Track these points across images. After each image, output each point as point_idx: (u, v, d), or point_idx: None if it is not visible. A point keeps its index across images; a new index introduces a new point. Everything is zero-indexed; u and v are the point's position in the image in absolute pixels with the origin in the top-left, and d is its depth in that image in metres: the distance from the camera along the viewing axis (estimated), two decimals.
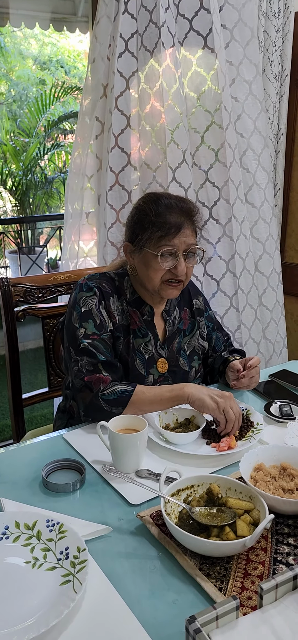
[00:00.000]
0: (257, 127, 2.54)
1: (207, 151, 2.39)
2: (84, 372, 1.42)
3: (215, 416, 1.34)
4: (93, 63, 2.31)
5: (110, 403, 1.38)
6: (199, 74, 2.36)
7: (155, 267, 1.46)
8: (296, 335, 3.03)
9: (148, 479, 1.20)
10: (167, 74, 2.27)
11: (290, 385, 1.65)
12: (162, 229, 1.43)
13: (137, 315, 1.55)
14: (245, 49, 2.45)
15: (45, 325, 1.96)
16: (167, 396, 1.40)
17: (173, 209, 1.45)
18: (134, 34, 2.27)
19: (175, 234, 1.44)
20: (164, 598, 0.90)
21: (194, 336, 1.66)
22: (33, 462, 1.28)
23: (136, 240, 1.48)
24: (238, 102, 2.49)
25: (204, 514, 1.02)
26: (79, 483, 1.18)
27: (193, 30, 2.31)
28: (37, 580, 0.93)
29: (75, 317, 1.49)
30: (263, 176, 2.60)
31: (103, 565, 0.96)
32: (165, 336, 1.60)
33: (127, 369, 1.52)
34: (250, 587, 0.90)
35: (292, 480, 1.11)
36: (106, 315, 1.49)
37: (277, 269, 2.73)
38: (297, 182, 2.90)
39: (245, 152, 2.54)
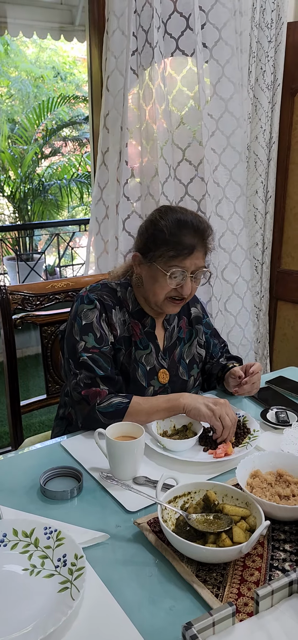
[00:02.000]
0: (230, 143, 2.60)
1: (187, 166, 2.49)
2: (82, 386, 1.42)
3: (212, 423, 1.35)
4: (111, 76, 2.31)
5: (107, 416, 1.39)
6: (183, 92, 2.45)
7: (162, 284, 1.46)
8: (293, 342, 3.04)
9: (145, 485, 1.20)
10: (158, 93, 2.35)
11: (287, 392, 1.66)
12: (175, 249, 1.42)
13: (139, 327, 1.56)
14: (224, 67, 2.50)
15: (43, 332, 1.97)
16: (163, 407, 1.41)
17: (188, 229, 1.44)
18: (134, 52, 2.32)
19: (187, 255, 1.43)
20: (161, 604, 0.90)
21: (192, 344, 1.67)
22: (31, 470, 1.28)
23: (147, 254, 1.48)
24: (213, 119, 2.55)
25: (201, 520, 1.03)
26: (77, 490, 1.19)
27: (179, 49, 2.39)
28: (34, 587, 0.94)
29: (76, 329, 1.49)
30: (235, 190, 2.66)
31: (100, 572, 0.97)
32: (165, 345, 1.60)
33: (128, 380, 1.52)
34: (247, 593, 0.91)
35: (288, 487, 1.11)
36: (107, 328, 1.49)
37: (245, 277, 2.77)
38: (292, 190, 2.92)
39: (217, 167, 2.60)
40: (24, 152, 7.29)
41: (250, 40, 2.64)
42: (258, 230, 2.97)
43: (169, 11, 2.34)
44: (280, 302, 3.06)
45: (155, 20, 2.25)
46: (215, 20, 2.42)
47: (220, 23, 2.43)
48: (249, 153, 2.84)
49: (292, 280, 2.98)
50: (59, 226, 6.72)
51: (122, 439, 1.25)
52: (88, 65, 2.54)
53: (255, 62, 2.70)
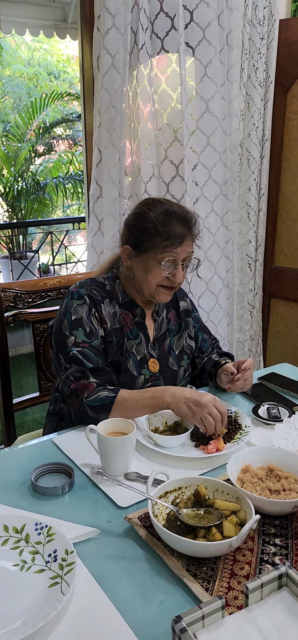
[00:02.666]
0: (210, 143, 2.60)
1: (169, 165, 2.51)
2: (72, 379, 1.44)
3: (192, 422, 1.37)
4: (107, 75, 2.31)
5: (94, 409, 1.41)
6: (167, 92, 2.46)
7: (155, 273, 1.49)
8: (286, 339, 3.05)
9: (137, 481, 1.21)
10: (144, 94, 2.36)
11: (278, 388, 1.66)
12: (168, 238, 1.46)
13: (129, 317, 1.57)
14: (207, 67, 2.51)
15: (36, 330, 1.97)
16: (148, 403, 1.43)
17: (177, 218, 1.48)
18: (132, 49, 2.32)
19: (179, 244, 1.47)
20: (151, 599, 0.91)
21: (182, 336, 1.68)
22: (22, 466, 1.28)
23: (140, 246, 1.50)
24: (193, 119, 2.57)
25: (191, 515, 1.03)
26: (68, 486, 1.19)
27: (164, 50, 2.39)
28: (25, 583, 0.93)
29: (65, 325, 1.50)
30: (214, 189, 2.67)
31: (91, 567, 0.97)
32: (155, 336, 1.62)
33: (120, 370, 1.53)
34: (237, 587, 0.91)
35: (279, 482, 1.12)
36: (97, 322, 1.51)
37: (220, 274, 2.79)
38: (285, 187, 2.93)
39: (195, 167, 2.61)
40: (17, 150, 7.26)
41: (243, 37, 2.64)
42: (252, 228, 2.97)
43: (156, 11, 2.35)
44: (273, 300, 3.07)
45: (143, 20, 2.26)
46: (200, 19, 2.43)
47: (204, 22, 2.44)
48: (242, 150, 2.85)
49: (285, 277, 2.99)
50: (52, 224, 6.71)
51: (113, 435, 1.25)
52: (80, 63, 2.54)
53: (248, 58, 2.71)
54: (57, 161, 7.77)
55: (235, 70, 2.65)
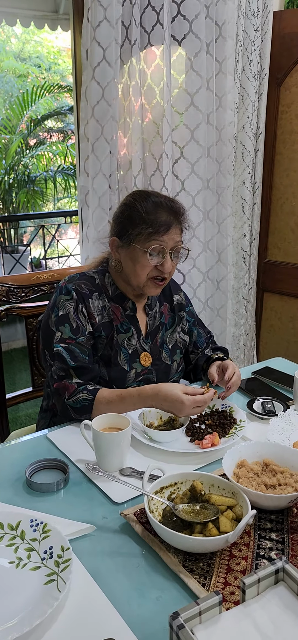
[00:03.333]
0: (194, 137, 2.60)
1: (151, 160, 2.52)
2: (55, 378, 1.45)
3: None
4: (98, 67, 2.29)
5: (76, 411, 1.42)
6: (151, 86, 2.46)
7: (143, 263, 1.47)
8: (279, 333, 3.06)
9: (132, 477, 1.20)
10: (136, 88, 2.36)
11: (273, 382, 1.66)
12: (153, 226, 1.45)
13: (120, 310, 1.56)
14: (193, 60, 2.50)
15: (29, 324, 1.95)
16: (131, 409, 1.42)
17: (163, 208, 1.48)
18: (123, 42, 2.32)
19: (165, 231, 1.46)
20: (148, 595, 0.90)
21: (175, 330, 1.68)
22: (16, 463, 1.27)
23: (125, 236, 1.50)
24: (177, 113, 2.56)
25: (187, 510, 1.03)
26: (63, 482, 1.18)
27: (150, 44, 2.38)
28: (21, 580, 0.93)
29: (52, 320, 1.50)
30: (196, 183, 2.67)
31: (87, 564, 0.96)
32: (148, 330, 1.61)
33: (110, 364, 1.53)
34: (233, 582, 0.91)
35: (274, 476, 1.12)
36: (84, 318, 1.50)
37: (200, 268, 2.80)
38: (279, 181, 2.93)
39: (177, 161, 2.62)
40: (8, 143, 7.20)
41: (237, 28, 2.62)
42: (246, 222, 2.97)
43: (144, 4, 2.34)
44: (266, 294, 3.07)
45: (136, 14, 2.25)
46: (187, 12, 2.42)
47: (192, 15, 2.43)
48: (236, 143, 2.84)
49: (278, 271, 2.99)
50: (45, 218, 6.67)
51: (109, 431, 1.25)
52: (72, 54, 2.51)
53: (242, 51, 2.69)
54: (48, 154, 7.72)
55: (229, 62, 2.63)
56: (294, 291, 2.91)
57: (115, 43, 2.23)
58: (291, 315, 2.97)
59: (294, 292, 2.91)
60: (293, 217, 2.87)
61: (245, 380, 1.65)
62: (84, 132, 2.38)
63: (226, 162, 2.77)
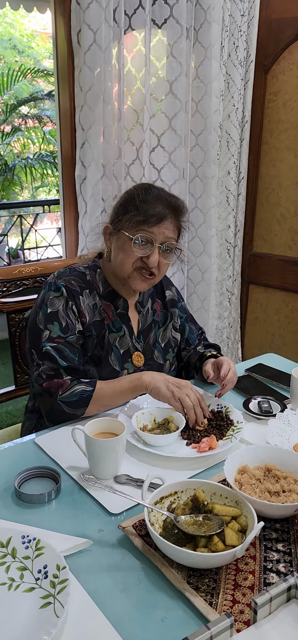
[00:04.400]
0: (172, 126, 2.57)
1: (130, 148, 2.49)
2: (44, 378, 1.37)
3: (171, 404, 1.34)
4: (89, 52, 2.21)
5: (71, 405, 1.35)
6: (131, 73, 2.42)
7: (128, 251, 1.41)
8: (264, 325, 3.03)
9: (127, 484, 1.14)
10: (116, 73, 2.33)
11: (267, 380, 1.62)
12: (144, 214, 1.39)
13: (111, 308, 1.50)
14: (173, 46, 2.45)
15: (11, 320, 1.86)
16: (127, 387, 1.38)
17: (161, 200, 1.42)
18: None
19: (155, 223, 1.40)
20: (152, 616, 0.85)
21: (167, 328, 1.62)
22: (3, 471, 1.20)
23: (117, 221, 1.44)
24: (155, 100, 2.54)
25: (190, 522, 0.97)
26: (55, 493, 1.11)
27: (131, 28, 2.34)
28: (14, 603, 0.86)
29: (40, 318, 1.42)
30: (173, 172, 2.64)
31: (84, 582, 0.90)
32: (139, 328, 1.55)
33: (101, 364, 1.46)
34: (242, 599, 0.86)
35: (278, 482, 1.07)
36: (74, 316, 1.43)
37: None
38: (264, 171, 2.88)
39: (154, 149, 2.59)
40: None
41: (223, 13, 2.56)
42: (231, 213, 2.92)
43: None
44: (252, 286, 3.04)
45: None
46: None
47: None
48: (221, 132, 2.78)
49: (264, 263, 2.95)
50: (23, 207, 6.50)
51: (102, 436, 1.18)
52: (53, 38, 2.40)
53: (228, 36, 2.63)
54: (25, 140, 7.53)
55: (214, 48, 2.57)
56: (279, 283, 2.89)
57: (105, 25, 2.15)
58: (276, 307, 2.95)
59: (279, 285, 2.89)
60: (279, 208, 2.84)
61: (238, 378, 1.60)
62: (78, 119, 2.29)
63: (211, 152, 2.71)
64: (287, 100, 2.70)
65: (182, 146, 2.61)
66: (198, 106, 2.68)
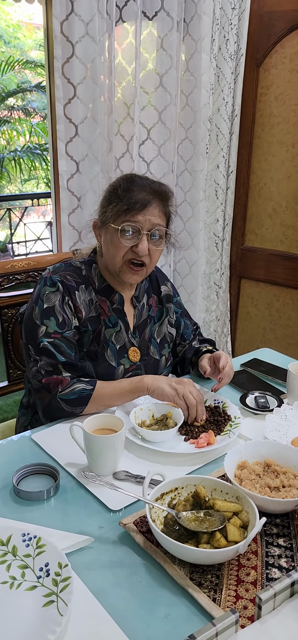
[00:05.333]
0: (161, 119, 2.58)
1: (120, 141, 2.49)
2: (43, 373, 1.35)
3: (175, 402, 1.33)
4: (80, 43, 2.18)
5: (70, 403, 1.34)
6: (121, 65, 2.41)
7: (116, 243, 1.40)
8: (256, 320, 3.04)
9: (126, 481, 1.14)
10: (108, 65, 2.33)
11: (263, 375, 1.63)
12: (127, 203, 1.37)
13: (107, 304, 1.49)
14: (163, 39, 2.44)
15: (3, 315, 1.84)
16: (127, 389, 1.37)
17: (143, 188, 1.40)
18: None
19: (139, 210, 1.38)
20: (155, 612, 0.85)
21: (163, 324, 1.61)
22: (0, 468, 1.19)
23: (103, 215, 1.43)
24: (145, 93, 2.54)
25: (191, 518, 0.97)
26: (53, 490, 1.10)
27: (122, 20, 2.33)
28: (16, 602, 0.85)
29: (36, 313, 1.40)
30: (162, 166, 2.65)
31: (86, 580, 0.90)
32: (135, 323, 1.54)
33: (97, 360, 1.45)
34: (245, 595, 0.86)
35: (277, 477, 1.08)
36: (70, 311, 1.42)
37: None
38: (256, 165, 2.88)
39: (144, 142, 2.59)
40: None
41: (214, 5, 2.55)
42: (219, 207, 2.92)
43: None
44: (243, 280, 3.04)
45: None
46: None
47: None
48: (211, 126, 2.78)
49: (255, 257, 2.96)
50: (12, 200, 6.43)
51: (101, 432, 1.17)
52: (44, 28, 2.37)
53: (219, 29, 2.62)
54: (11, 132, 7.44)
55: (205, 41, 2.56)
56: (271, 278, 2.90)
57: (99, 16, 2.12)
58: (267, 302, 2.96)
59: (271, 279, 2.90)
60: (270, 203, 2.84)
61: (234, 374, 1.60)
62: (63, 112, 2.26)
63: (200, 145, 2.71)
64: (279, 94, 2.70)
65: (171, 140, 2.61)
66: (188, 99, 2.68)
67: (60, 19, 2.15)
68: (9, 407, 3.26)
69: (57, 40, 2.15)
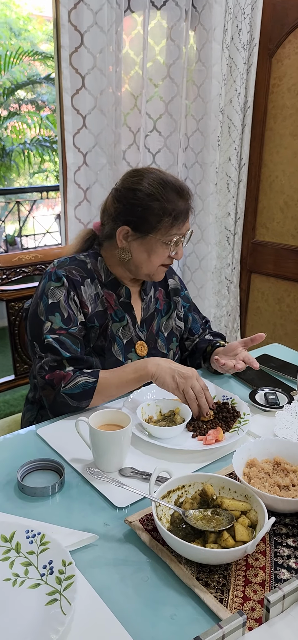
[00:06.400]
0: (168, 110, 2.56)
1: (127, 132, 2.48)
2: (46, 369, 1.33)
3: (176, 395, 1.32)
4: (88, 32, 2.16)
5: (74, 397, 1.31)
6: (130, 56, 2.40)
7: (160, 253, 1.40)
8: (266, 314, 3.01)
9: (132, 477, 1.12)
10: (118, 56, 2.31)
11: (273, 371, 1.60)
12: (174, 216, 1.37)
13: (113, 297, 1.46)
14: (171, 29, 2.41)
15: (10, 308, 1.83)
16: (132, 377, 1.35)
17: (179, 194, 1.39)
18: None
19: (184, 220, 1.40)
20: (161, 613, 0.83)
21: (171, 317, 1.59)
22: (5, 463, 1.17)
23: (143, 227, 1.38)
24: (152, 84, 2.52)
25: (198, 517, 0.95)
26: (58, 486, 1.09)
27: (130, 10, 2.31)
28: (19, 600, 0.84)
29: (41, 309, 1.38)
30: (167, 157, 2.63)
31: (91, 578, 0.88)
32: (142, 317, 1.52)
33: (104, 355, 1.43)
34: (253, 596, 0.84)
35: (287, 476, 1.05)
36: (75, 307, 1.39)
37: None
38: (268, 158, 2.84)
39: (150, 133, 2.58)
40: None
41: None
42: (231, 200, 2.89)
43: None
44: (253, 275, 3.01)
45: None
46: None
47: None
48: (223, 117, 2.74)
49: (266, 252, 2.92)
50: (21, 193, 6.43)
51: (107, 428, 1.15)
52: (53, 18, 2.35)
53: (231, 18, 2.58)
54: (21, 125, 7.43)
55: (217, 31, 2.52)
56: (282, 272, 2.86)
57: (108, 6, 2.10)
58: (278, 297, 2.92)
59: (282, 274, 2.86)
60: (282, 196, 2.80)
61: (244, 369, 1.57)
62: (71, 103, 2.24)
63: (211, 137, 2.67)
64: (292, 85, 2.66)
65: (177, 131, 2.58)
66: (199, 90, 2.64)
67: (68, 8, 2.12)
68: (16, 401, 3.26)
69: (65, 29, 2.12)
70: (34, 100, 8.50)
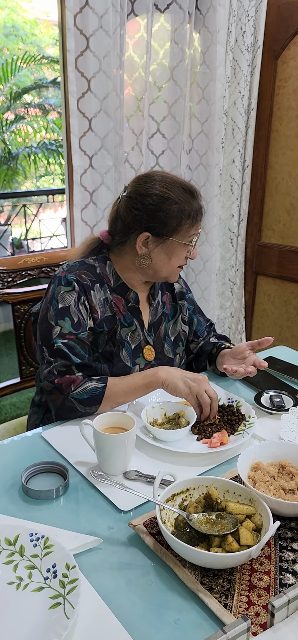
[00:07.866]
0: (171, 113, 2.56)
1: (130, 135, 2.48)
2: (55, 374, 1.33)
3: (188, 400, 1.30)
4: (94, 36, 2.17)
5: (83, 403, 1.31)
6: (132, 59, 2.40)
7: (180, 254, 1.42)
8: (273, 317, 2.99)
9: (137, 481, 1.11)
10: (121, 60, 2.31)
11: (278, 373, 1.59)
12: (191, 217, 1.38)
13: (122, 302, 1.46)
14: (175, 32, 2.41)
15: (16, 311, 1.83)
16: (141, 384, 1.34)
17: (192, 194, 1.40)
18: None
19: (200, 220, 1.42)
20: (165, 617, 0.82)
21: (177, 321, 1.59)
22: (10, 466, 1.17)
23: (164, 230, 1.38)
24: (156, 87, 2.53)
25: (203, 521, 0.95)
26: (63, 489, 1.09)
27: (134, 13, 2.31)
28: (22, 603, 0.84)
29: (51, 313, 1.38)
30: (171, 159, 2.63)
31: (94, 582, 0.87)
32: (150, 321, 1.52)
33: (112, 360, 1.43)
34: (257, 601, 0.83)
35: (292, 479, 1.04)
36: (85, 312, 1.39)
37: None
38: (274, 160, 2.83)
39: (153, 135, 2.58)
40: None
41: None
42: (235, 202, 2.88)
43: None
44: (259, 277, 2.99)
45: None
46: None
47: None
48: (227, 119, 2.74)
49: (272, 254, 2.91)
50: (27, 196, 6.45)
51: (111, 431, 1.15)
52: (59, 22, 2.36)
53: (235, 21, 2.57)
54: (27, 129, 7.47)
55: (220, 33, 2.52)
56: (288, 274, 2.84)
57: (113, 10, 2.11)
58: (285, 299, 2.91)
59: (288, 276, 2.84)
60: (288, 198, 2.79)
61: None
62: (77, 106, 2.24)
63: (215, 139, 2.67)
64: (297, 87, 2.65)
65: (180, 133, 2.58)
66: (204, 92, 2.64)
67: (73, 12, 2.13)
68: (23, 404, 3.26)
69: (70, 33, 2.13)
70: (40, 104, 8.55)
